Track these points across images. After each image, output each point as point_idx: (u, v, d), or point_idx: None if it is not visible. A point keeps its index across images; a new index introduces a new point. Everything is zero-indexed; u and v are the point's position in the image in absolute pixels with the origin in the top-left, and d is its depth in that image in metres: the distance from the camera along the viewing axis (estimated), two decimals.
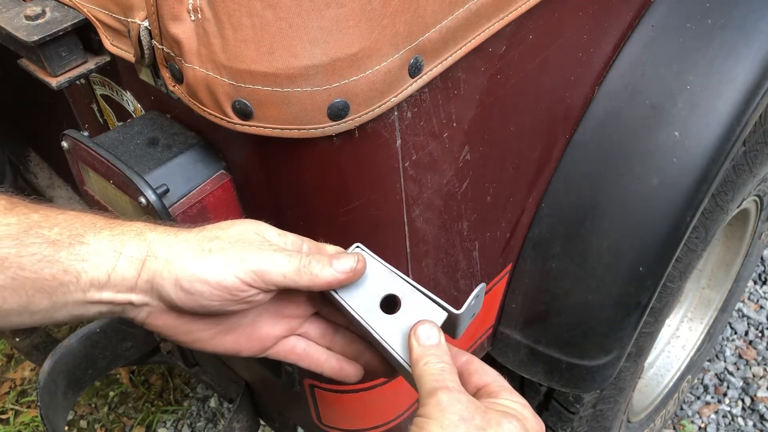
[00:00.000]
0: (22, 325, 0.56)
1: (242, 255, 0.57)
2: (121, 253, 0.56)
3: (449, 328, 0.63)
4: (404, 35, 0.60)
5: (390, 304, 0.61)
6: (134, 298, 0.57)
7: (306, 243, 0.63)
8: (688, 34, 0.96)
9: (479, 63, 0.72)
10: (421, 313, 0.61)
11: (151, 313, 0.59)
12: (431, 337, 0.59)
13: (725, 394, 2.02)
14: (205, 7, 0.57)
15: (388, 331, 0.61)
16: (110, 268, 0.56)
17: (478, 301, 0.64)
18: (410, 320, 0.60)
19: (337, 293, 0.61)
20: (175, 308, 0.58)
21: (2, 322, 0.55)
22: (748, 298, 2.23)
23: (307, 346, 0.67)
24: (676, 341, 1.85)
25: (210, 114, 0.61)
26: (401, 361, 0.60)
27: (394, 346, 0.60)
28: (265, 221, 0.67)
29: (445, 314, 0.61)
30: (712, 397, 2.02)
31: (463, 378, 0.60)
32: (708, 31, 0.95)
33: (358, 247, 0.62)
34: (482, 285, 0.64)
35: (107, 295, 0.56)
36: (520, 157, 0.90)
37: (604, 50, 0.94)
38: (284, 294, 0.61)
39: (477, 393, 0.59)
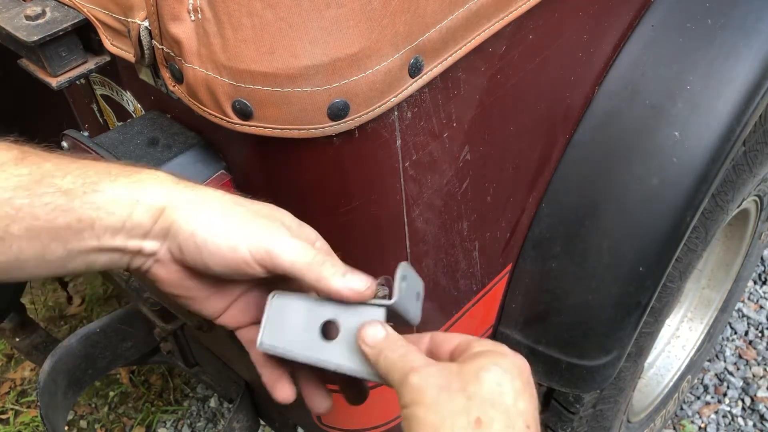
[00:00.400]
0: (36, 275, 0.56)
1: (260, 230, 0.57)
2: (138, 201, 0.56)
3: (398, 318, 0.61)
4: (404, 35, 0.60)
5: (329, 331, 0.59)
6: (147, 244, 0.57)
7: (320, 241, 0.62)
8: (688, 34, 0.96)
9: (479, 63, 0.72)
10: (362, 322, 0.58)
11: (157, 262, 0.58)
12: (377, 334, 0.57)
13: (725, 394, 2.02)
14: (205, 7, 0.57)
15: (340, 355, 0.58)
16: (126, 216, 0.56)
17: (413, 280, 0.61)
18: (354, 333, 0.58)
19: (276, 348, 0.58)
20: (181, 261, 0.58)
21: (19, 274, 0.55)
22: (748, 298, 2.23)
23: None
24: (676, 341, 1.86)
25: (210, 114, 0.61)
26: (368, 375, 0.57)
27: (354, 365, 0.58)
28: None
29: (383, 310, 0.59)
30: (712, 397, 2.02)
31: (433, 354, 0.58)
32: (708, 31, 0.96)
33: (275, 294, 0.60)
34: (403, 264, 0.60)
35: (119, 242, 0.56)
36: (520, 157, 0.90)
37: (604, 50, 0.94)
38: (284, 280, 0.60)
39: (451, 358, 0.57)
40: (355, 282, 0.58)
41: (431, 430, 0.49)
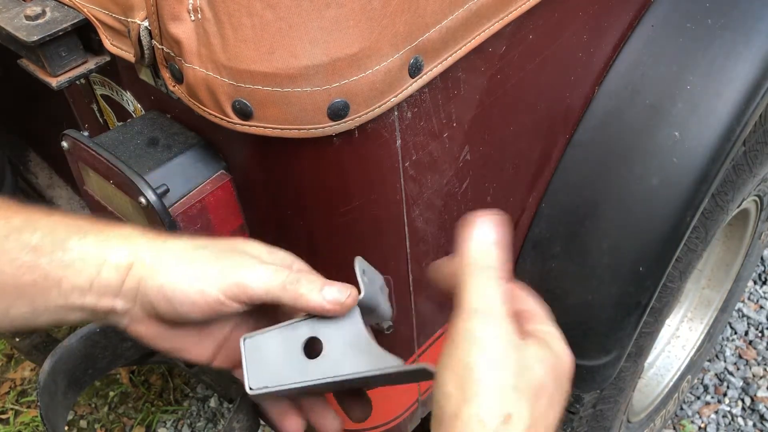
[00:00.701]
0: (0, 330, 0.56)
1: (227, 267, 0.55)
2: (105, 260, 0.55)
3: (371, 316, 0.60)
4: (404, 35, 0.60)
5: (313, 350, 0.57)
6: (118, 304, 0.56)
7: (297, 263, 0.60)
8: (688, 34, 0.96)
9: (479, 63, 0.72)
10: (342, 327, 0.57)
11: (133, 320, 0.57)
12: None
13: (725, 394, 2.02)
14: (205, 7, 0.57)
15: (334, 366, 0.56)
16: (93, 275, 0.55)
17: (372, 274, 0.60)
18: (339, 340, 0.57)
19: (267, 388, 0.56)
20: (157, 316, 0.57)
21: None
22: (748, 298, 2.23)
23: None
24: (676, 341, 1.85)
25: (210, 114, 0.61)
26: (368, 373, 0.56)
27: (351, 369, 0.56)
28: (264, 221, 0.67)
29: (357, 308, 0.57)
30: (712, 397, 2.02)
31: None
32: (708, 31, 0.95)
33: (245, 337, 0.58)
34: (358, 258, 0.60)
35: (90, 301, 0.55)
36: (520, 157, 0.90)
37: (604, 50, 0.94)
38: (268, 309, 0.60)
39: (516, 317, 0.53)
40: (334, 293, 0.56)
41: (460, 395, 0.46)
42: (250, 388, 0.56)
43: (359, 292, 0.57)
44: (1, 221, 0.55)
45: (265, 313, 0.61)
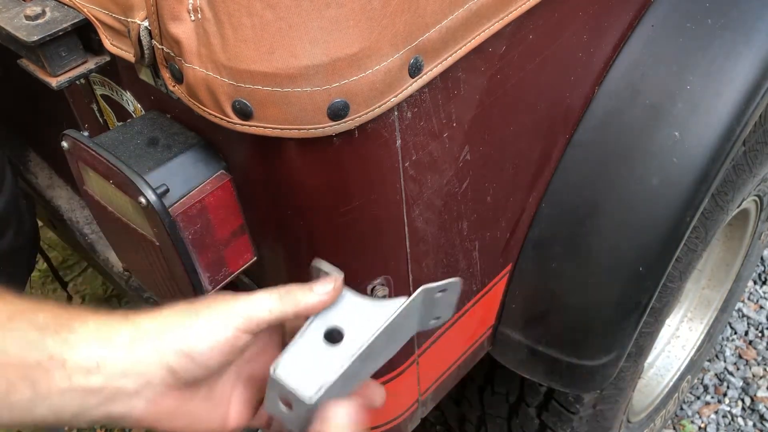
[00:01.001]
0: None
1: (226, 308, 0.58)
2: (109, 339, 0.55)
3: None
4: (404, 35, 0.60)
5: (335, 341, 0.60)
6: (128, 383, 0.55)
7: (275, 288, 0.63)
8: (688, 34, 0.96)
9: (479, 63, 0.72)
10: (343, 308, 0.61)
11: (150, 400, 0.56)
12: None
13: (725, 394, 2.02)
14: (205, 7, 0.57)
15: (361, 338, 0.59)
16: (99, 355, 0.54)
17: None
18: (349, 317, 0.61)
19: (323, 388, 0.57)
20: (175, 382, 0.56)
21: None
22: (748, 298, 2.23)
23: None
24: (676, 341, 1.86)
25: (210, 114, 0.61)
26: (387, 322, 0.60)
27: (373, 330, 0.60)
28: (264, 221, 0.67)
29: (344, 290, 0.62)
30: (712, 397, 2.02)
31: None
32: (708, 31, 0.96)
33: (274, 366, 0.59)
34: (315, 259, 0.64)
35: (96, 382, 0.54)
36: (520, 157, 0.90)
37: (604, 50, 0.94)
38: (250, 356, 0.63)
39: None
40: (323, 286, 0.61)
41: None
42: (310, 399, 0.56)
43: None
44: (6, 305, 0.54)
45: (256, 359, 0.64)
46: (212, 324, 0.57)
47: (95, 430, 2.01)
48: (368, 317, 0.60)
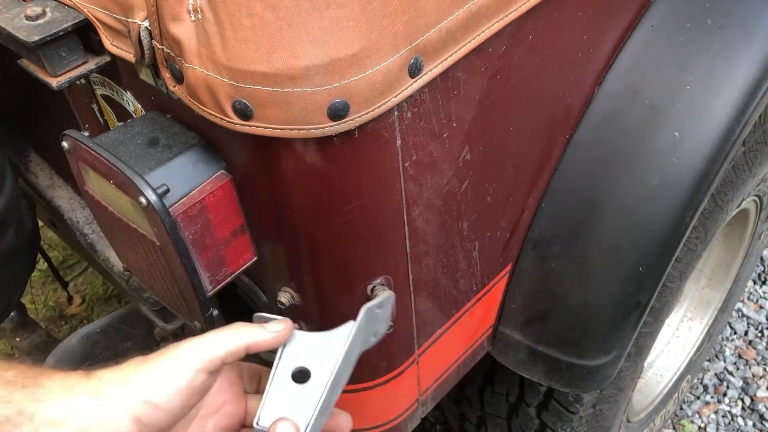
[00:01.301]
0: None
1: (182, 351, 0.60)
2: (75, 392, 0.56)
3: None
4: (404, 35, 0.60)
5: (301, 377, 0.64)
6: None
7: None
8: (688, 34, 0.96)
9: (479, 63, 0.73)
10: (299, 346, 0.65)
11: None
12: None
13: (725, 394, 2.02)
14: (206, 7, 0.57)
15: (327, 370, 0.63)
16: (66, 408, 0.56)
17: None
18: (310, 352, 0.64)
19: (310, 425, 0.61)
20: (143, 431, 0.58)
21: None
22: (748, 298, 2.23)
23: None
24: (676, 341, 1.86)
25: (210, 114, 0.61)
26: (347, 349, 0.64)
27: (335, 359, 0.63)
28: (264, 221, 0.67)
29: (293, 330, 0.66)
30: (712, 397, 2.02)
31: None
32: (708, 31, 0.96)
33: (257, 422, 0.63)
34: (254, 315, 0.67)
35: None
36: (520, 157, 0.90)
37: (604, 50, 0.94)
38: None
39: None
40: (276, 325, 0.65)
41: None
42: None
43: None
44: None
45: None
46: (171, 369, 0.59)
47: None
48: (326, 350, 0.64)
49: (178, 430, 0.62)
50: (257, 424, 0.61)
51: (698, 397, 2.03)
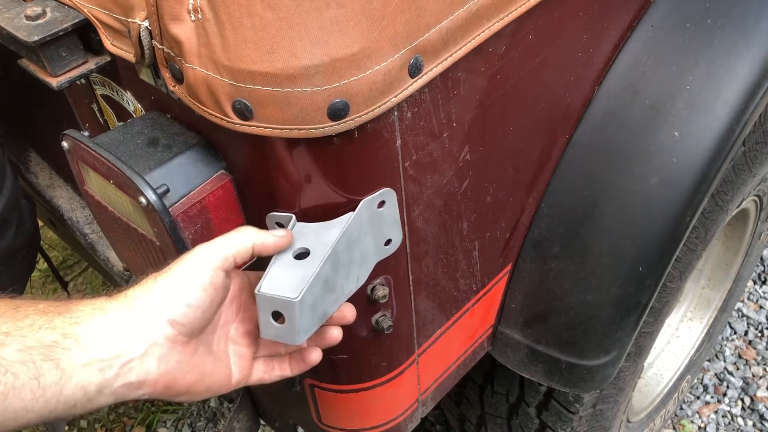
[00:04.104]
0: (34, 419, 0.55)
1: (197, 255, 0.63)
2: (106, 310, 0.59)
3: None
4: (404, 35, 0.60)
5: (302, 255, 0.68)
6: (136, 346, 0.58)
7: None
8: (687, 34, 0.96)
9: (479, 63, 0.73)
10: (302, 233, 0.69)
11: (160, 359, 0.60)
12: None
13: (725, 394, 2.02)
14: (206, 7, 0.57)
15: (324, 247, 0.67)
16: (104, 325, 0.58)
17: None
18: (311, 236, 0.68)
19: (304, 288, 0.64)
20: (177, 334, 0.61)
21: (11, 424, 0.54)
22: (748, 298, 2.23)
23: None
24: (676, 341, 1.86)
25: (210, 114, 0.61)
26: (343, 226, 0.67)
27: (332, 238, 0.67)
28: (264, 221, 0.67)
29: (294, 223, 0.69)
30: (712, 397, 2.02)
31: None
32: (708, 31, 0.96)
33: (259, 288, 0.66)
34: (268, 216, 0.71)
35: (108, 352, 0.57)
36: (520, 157, 0.91)
37: (603, 50, 0.94)
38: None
39: None
40: (278, 231, 0.68)
41: None
42: (295, 297, 0.63)
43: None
44: (5, 301, 0.57)
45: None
46: (192, 269, 0.62)
47: (95, 429, 2.01)
48: (325, 233, 0.67)
49: (209, 334, 0.66)
50: (258, 290, 0.64)
51: (698, 397, 2.03)
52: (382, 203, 0.70)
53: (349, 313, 0.73)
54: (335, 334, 0.73)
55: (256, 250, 0.65)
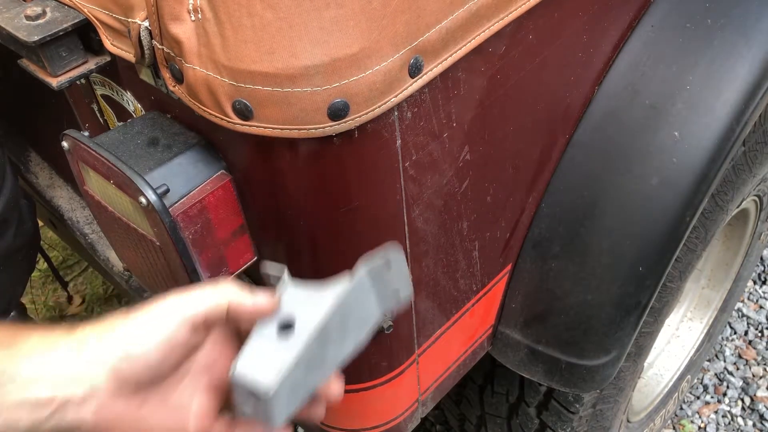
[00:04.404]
0: None
1: (164, 305, 0.57)
2: (54, 349, 0.55)
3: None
4: (404, 35, 0.60)
5: (288, 328, 0.60)
6: (75, 390, 0.55)
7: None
8: (687, 34, 0.96)
9: (479, 63, 0.73)
10: (291, 300, 0.61)
11: (99, 407, 0.55)
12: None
13: (725, 394, 2.02)
14: (206, 7, 0.57)
15: (311, 325, 0.59)
16: (45, 365, 0.55)
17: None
18: (299, 307, 0.60)
19: (279, 378, 0.57)
20: (120, 386, 0.56)
21: None
22: (748, 298, 2.23)
23: None
24: (676, 341, 1.86)
25: (210, 114, 0.61)
26: (337, 303, 0.59)
27: (322, 316, 0.59)
28: (264, 221, 0.67)
29: (286, 286, 0.61)
30: (712, 397, 2.02)
31: None
32: (708, 31, 0.96)
33: (234, 368, 0.58)
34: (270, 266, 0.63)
35: (45, 392, 0.54)
36: (520, 157, 0.91)
37: (603, 50, 0.94)
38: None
39: None
40: (263, 295, 0.60)
41: None
42: (267, 390, 0.56)
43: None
44: None
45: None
46: (151, 322, 0.57)
47: None
48: (317, 302, 0.60)
49: (168, 386, 0.60)
50: (232, 374, 0.57)
51: (698, 397, 2.03)
52: (387, 263, 0.63)
53: (336, 390, 0.65)
54: (318, 413, 0.65)
55: (231, 312, 0.59)
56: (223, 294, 0.59)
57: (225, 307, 0.59)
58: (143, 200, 0.65)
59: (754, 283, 2.27)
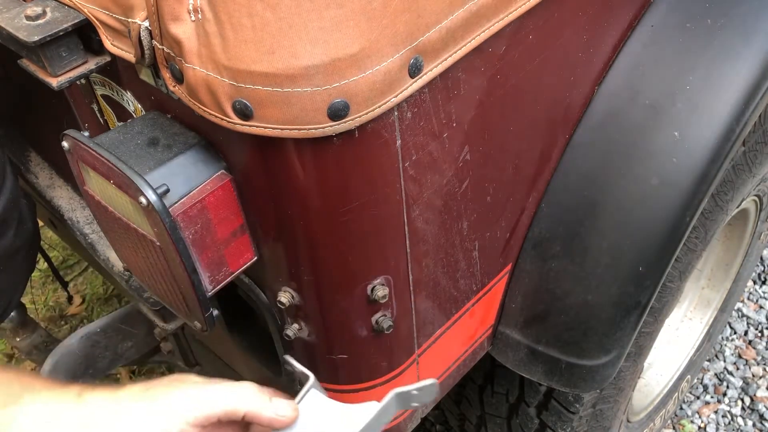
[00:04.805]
0: None
1: (179, 398, 0.56)
2: (57, 420, 0.54)
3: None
4: (404, 35, 0.60)
5: None
6: None
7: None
8: (688, 34, 0.96)
9: (479, 63, 0.73)
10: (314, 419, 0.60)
11: None
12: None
13: (725, 394, 2.02)
14: (206, 7, 0.57)
15: None
16: (41, 414, 0.53)
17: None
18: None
19: None
20: None
21: None
22: (748, 298, 2.23)
23: None
24: (676, 341, 1.86)
25: (210, 114, 0.61)
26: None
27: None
28: (264, 221, 0.67)
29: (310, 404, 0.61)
30: (712, 397, 2.02)
31: None
32: (708, 31, 0.96)
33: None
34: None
35: None
36: (520, 157, 0.91)
37: (603, 50, 0.94)
38: None
39: None
40: (285, 408, 0.60)
41: None
42: None
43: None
44: None
45: None
46: (163, 415, 0.55)
47: None
48: (341, 419, 0.60)
49: None
50: None
51: (698, 397, 2.03)
52: (420, 389, 0.64)
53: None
54: None
55: (248, 419, 0.58)
56: (241, 399, 0.58)
57: (241, 414, 0.58)
58: (143, 200, 0.65)
59: (754, 283, 2.27)
